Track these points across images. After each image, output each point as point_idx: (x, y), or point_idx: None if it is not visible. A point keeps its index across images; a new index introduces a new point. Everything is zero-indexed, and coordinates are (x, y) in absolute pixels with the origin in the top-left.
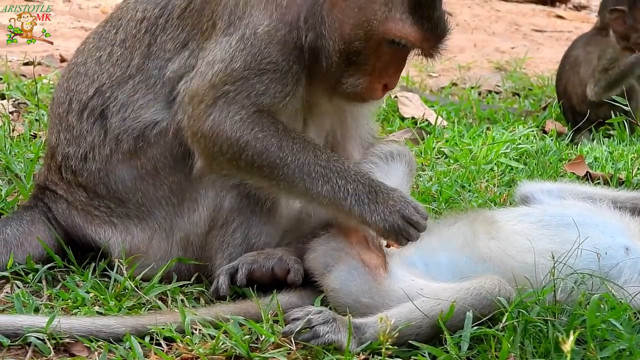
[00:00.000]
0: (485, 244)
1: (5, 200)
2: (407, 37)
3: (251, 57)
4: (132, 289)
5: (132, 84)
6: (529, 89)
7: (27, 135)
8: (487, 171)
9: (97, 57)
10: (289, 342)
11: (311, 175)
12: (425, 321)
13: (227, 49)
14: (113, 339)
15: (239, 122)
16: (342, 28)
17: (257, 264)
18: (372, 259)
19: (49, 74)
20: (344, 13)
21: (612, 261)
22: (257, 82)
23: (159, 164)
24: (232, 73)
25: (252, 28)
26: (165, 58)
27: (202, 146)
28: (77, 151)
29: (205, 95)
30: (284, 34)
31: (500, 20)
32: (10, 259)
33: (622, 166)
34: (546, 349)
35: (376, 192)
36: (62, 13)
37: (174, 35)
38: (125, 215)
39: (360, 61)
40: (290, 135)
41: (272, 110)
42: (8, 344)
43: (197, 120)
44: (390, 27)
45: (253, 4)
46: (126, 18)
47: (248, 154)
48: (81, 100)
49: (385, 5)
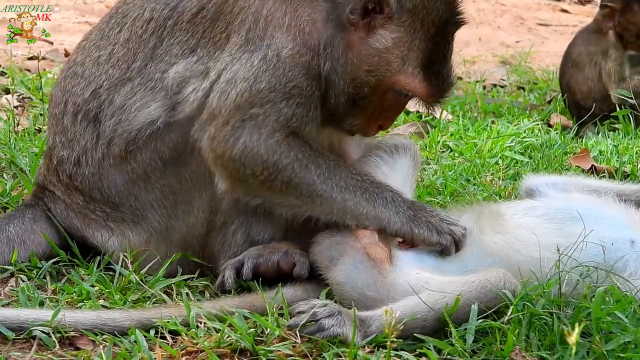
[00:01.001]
0: (491, 239)
1: (10, 195)
2: (415, 91)
3: (276, 79)
4: (136, 282)
5: (131, 86)
6: (534, 83)
7: (32, 130)
8: (492, 165)
9: (96, 57)
10: (294, 335)
11: (348, 188)
12: (430, 314)
13: (250, 67)
14: (118, 333)
15: (275, 145)
16: (354, 71)
17: (263, 257)
18: (377, 253)
19: (53, 69)
20: (359, 57)
21: (617, 254)
22: (284, 107)
23: (149, 168)
24: (257, 94)
25: (274, 50)
26: (170, 62)
27: (229, 169)
28: (71, 155)
29: (231, 117)
30: (308, 59)
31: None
32: (14, 253)
33: (627, 159)
34: (551, 342)
35: (411, 201)
36: (66, 8)
37: (182, 39)
38: (120, 219)
39: (364, 105)
40: (324, 154)
41: (301, 133)
42: (13, 337)
43: (223, 142)
44: (401, 80)
45: (275, 26)
46: (132, 16)
47: (285, 175)
48: (76, 103)
49: (401, 59)
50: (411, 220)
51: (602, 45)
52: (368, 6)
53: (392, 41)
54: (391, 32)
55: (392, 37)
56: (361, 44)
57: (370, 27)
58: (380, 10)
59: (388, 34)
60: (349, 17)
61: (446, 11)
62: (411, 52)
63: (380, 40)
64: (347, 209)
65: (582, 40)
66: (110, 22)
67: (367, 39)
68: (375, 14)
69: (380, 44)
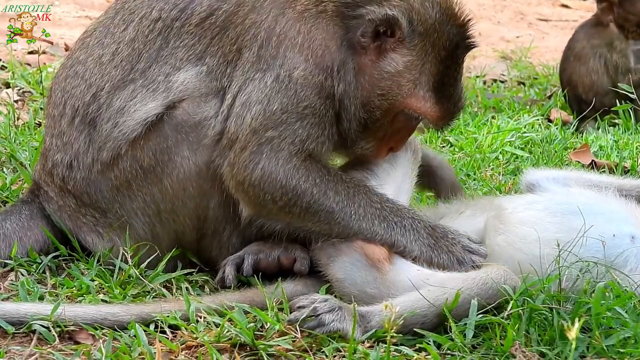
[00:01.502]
0: (494, 241)
1: (10, 189)
2: (426, 114)
3: (288, 100)
4: (136, 277)
5: (133, 88)
6: (534, 78)
7: (32, 124)
8: (493, 160)
9: (98, 55)
10: (294, 330)
11: (367, 216)
12: (430, 310)
13: (263, 88)
14: (118, 327)
15: (293, 170)
16: (365, 95)
17: (263, 253)
18: (375, 252)
19: (53, 63)
20: (371, 81)
21: (617, 249)
22: (299, 127)
23: (130, 175)
24: (271, 117)
25: (286, 70)
26: (175, 66)
27: (250, 195)
28: (64, 158)
29: (248, 142)
30: (321, 80)
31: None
32: (14, 247)
33: (628, 155)
34: (551, 337)
35: (432, 228)
36: (66, 2)
37: (188, 43)
38: (109, 225)
39: (375, 128)
40: (343, 180)
41: (318, 155)
42: (13, 331)
43: (242, 168)
44: (412, 103)
45: (287, 46)
46: (139, 14)
47: (304, 201)
48: (75, 106)
49: (413, 82)
50: (431, 248)
51: (606, 38)
52: (379, 29)
53: (403, 64)
54: (402, 56)
55: (403, 60)
56: (372, 68)
57: (381, 50)
58: (392, 34)
59: (399, 57)
60: (360, 40)
61: (457, 35)
62: (422, 76)
63: (392, 63)
64: (363, 236)
65: (585, 34)
66: (116, 18)
67: (378, 62)
68: (387, 37)
69: (392, 67)
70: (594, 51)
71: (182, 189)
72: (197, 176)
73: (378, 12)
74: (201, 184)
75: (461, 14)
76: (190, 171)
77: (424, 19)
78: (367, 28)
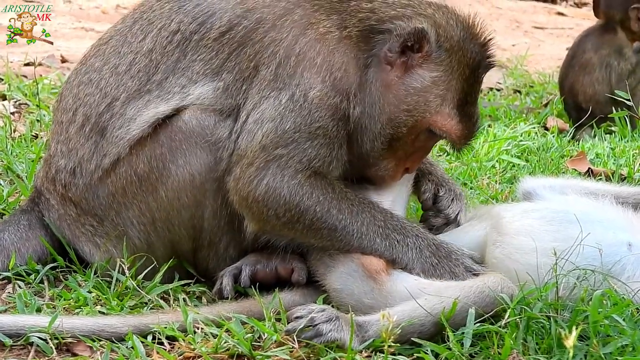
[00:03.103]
0: (491, 254)
1: (6, 201)
2: (450, 133)
3: (301, 119)
4: (134, 288)
5: (148, 98)
6: (530, 86)
7: (29, 136)
8: (489, 168)
9: (115, 65)
10: (292, 340)
11: (369, 234)
12: (428, 319)
13: (277, 107)
14: (115, 339)
15: (298, 186)
16: (392, 111)
17: (261, 264)
18: (371, 263)
19: (50, 75)
20: (398, 97)
21: (615, 257)
22: (308, 147)
23: (125, 181)
24: (282, 135)
25: (302, 90)
26: (191, 78)
27: (254, 211)
28: (68, 164)
29: (256, 158)
30: (336, 101)
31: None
32: (12, 259)
33: (624, 162)
34: (549, 345)
35: (436, 246)
36: (62, 14)
37: (206, 57)
38: (105, 234)
39: (398, 147)
40: (347, 197)
41: (324, 172)
42: (10, 344)
43: (247, 184)
44: (438, 120)
45: (305, 66)
46: (158, 25)
47: (307, 218)
48: (87, 115)
49: (440, 98)
50: (433, 268)
51: (615, 45)
52: (407, 44)
53: (431, 80)
54: (430, 71)
55: (430, 76)
56: (399, 84)
57: (408, 66)
58: (419, 49)
59: (427, 72)
60: (386, 55)
61: (478, 53)
62: (449, 92)
63: (419, 79)
64: (365, 251)
65: (593, 45)
66: (134, 27)
67: (405, 78)
68: (413, 52)
69: (419, 83)
70: (601, 61)
71: (176, 198)
72: (191, 186)
73: (406, 26)
74: (195, 194)
75: (482, 32)
76: (185, 180)
77: (449, 36)
78: (395, 43)
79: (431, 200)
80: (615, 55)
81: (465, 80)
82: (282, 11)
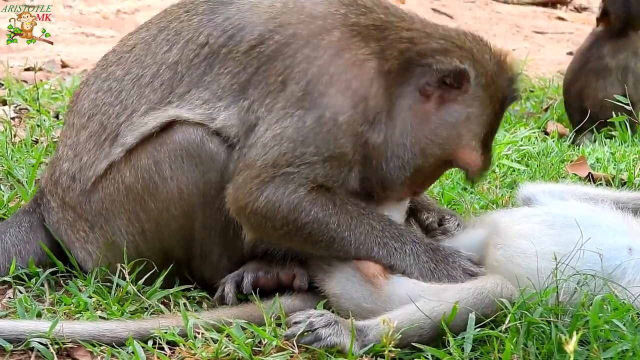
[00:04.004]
0: (493, 256)
1: (7, 206)
2: (473, 165)
3: (324, 144)
4: (134, 293)
5: (168, 108)
6: (531, 91)
7: (29, 141)
8: (489, 173)
9: (136, 75)
10: (292, 345)
11: (366, 244)
12: (427, 323)
13: (301, 128)
14: (116, 344)
15: (297, 202)
16: (425, 143)
17: (262, 270)
18: (369, 268)
19: (50, 80)
20: (432, 130)
21: (615, 262)
22: (319, 168)
23: (114, 187)
24: (300, 157)
25: (332, 113)
26: (215, 94)
27: (252, 221)
28: (70, 169)
29: (264, 172)
30: (362, 129)
31: (501, 22)
32: (12, 264)
33: (624, 167)
34: (549, 350)
35: (433, 251)
36: (63, 18)
37: (233, 71)
38: (96, 241)
39: (420, 174)
40: (347, 209)
41: (328, 187)
42: (11, 349)
43: (247, 194)
44: (465, 154)
45: (340, 88)
46: (185, 37)
47: (305, 232)
48: (103, 124)
49: (472, 133)
50: (431, 272)
51: (632, 47)
52: (446, 80)
53: (466, 115)
54: (465, 107)
55: (467, 112)
56: (433, 116)
57: (444, 99)
58: (458, 86)
59: (462, 108)
60: (425, 88)
61: (507, 87)
62: (479, 128)
63: (454, 114)
64: (363, 258)
65: (609, 50)
66: (159, 37)
67: (440, 111)
68: (451, 88)
69: (454, 118)
70: (619, 65)
71: (165, 209)
72: (180, 198)
73: (447, 63)
74: (183, 206)
75: (512, 66)
76: (173, 191)
77: (484, 72)
78: (434, 77)
79: (436, 224)
80: (632, 56)
81: (495, 115)
82: (319, 29)
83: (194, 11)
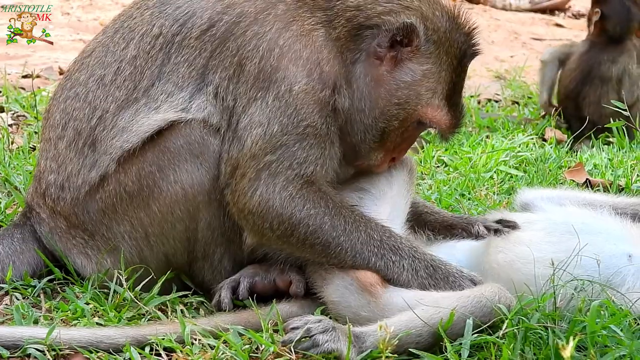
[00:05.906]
0: (494, 258)
1: (4, 213)
2: (440, 123)
3: (287, 119)
4: (131, 299)
5: (136, 108)
6: (529, 97)
7: (27, 148)
8: (487, 179)
9: (100, 76)
10: (289, 351)
11: (363, 253)
12: (425, 329)
13: (264, 109)
14: (113, 350)
15: (289, 199)
16: (384, 106)
17: (259, 276)
18: (366, 277)
19: (48, 87)
20: (389, 91)
21: (614, 268)
22: (297, 149)
23: (116, 199)
24: (270, 140)
25: (287, 84)
26: (177, 84)
27: (251, 223)
28: (57, 179)
29: (248, 168)
30: (324, 95)
31: (499, 29)
32: (9, 271)
33: (622, 173)
34: (546, 356)
35: (434, 268)
36: (61, 25)
37: (189, 58)
38: (97, 248)
39: (388, 139)
40: (341, 213)
41: (317, 179)
42: (8, 355)
43: (242, 196)
44: (429, 112)
45: (291, 58)
46: (140, 32)
47: (300, 232)
48: (78, 129)
49: (431, 90)
50: (427, 287)
51: (630, 53)
52: (396, 38)
53: (421, 73)
54: (420, 65)
55: (421, 69)
56: (389, 78)
57: (397, 60)
58: (408, 43)
59: (417, 66)
60: (376, 50)
61: (464, 42)
62: (438, 84)
63: (409, 73)
64: (360, 268)
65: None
66: (115, 37)
67: (395, 72)
68: (402, 46)
69: (410, 77)
70: (619, 70)
71: (170, 212)
72: (184, 199)
73: (395, 21)
74: (188, 207)
75: (466, 22)
76: (177, 194)
77: (436, 28)
78: (384, 38)
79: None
80: (630, 61)
81: (453, 71)
82: (265, 5)
83: (145, 6)
